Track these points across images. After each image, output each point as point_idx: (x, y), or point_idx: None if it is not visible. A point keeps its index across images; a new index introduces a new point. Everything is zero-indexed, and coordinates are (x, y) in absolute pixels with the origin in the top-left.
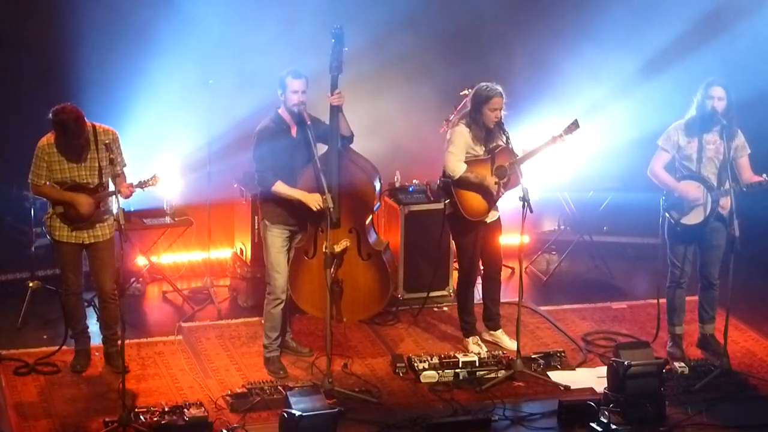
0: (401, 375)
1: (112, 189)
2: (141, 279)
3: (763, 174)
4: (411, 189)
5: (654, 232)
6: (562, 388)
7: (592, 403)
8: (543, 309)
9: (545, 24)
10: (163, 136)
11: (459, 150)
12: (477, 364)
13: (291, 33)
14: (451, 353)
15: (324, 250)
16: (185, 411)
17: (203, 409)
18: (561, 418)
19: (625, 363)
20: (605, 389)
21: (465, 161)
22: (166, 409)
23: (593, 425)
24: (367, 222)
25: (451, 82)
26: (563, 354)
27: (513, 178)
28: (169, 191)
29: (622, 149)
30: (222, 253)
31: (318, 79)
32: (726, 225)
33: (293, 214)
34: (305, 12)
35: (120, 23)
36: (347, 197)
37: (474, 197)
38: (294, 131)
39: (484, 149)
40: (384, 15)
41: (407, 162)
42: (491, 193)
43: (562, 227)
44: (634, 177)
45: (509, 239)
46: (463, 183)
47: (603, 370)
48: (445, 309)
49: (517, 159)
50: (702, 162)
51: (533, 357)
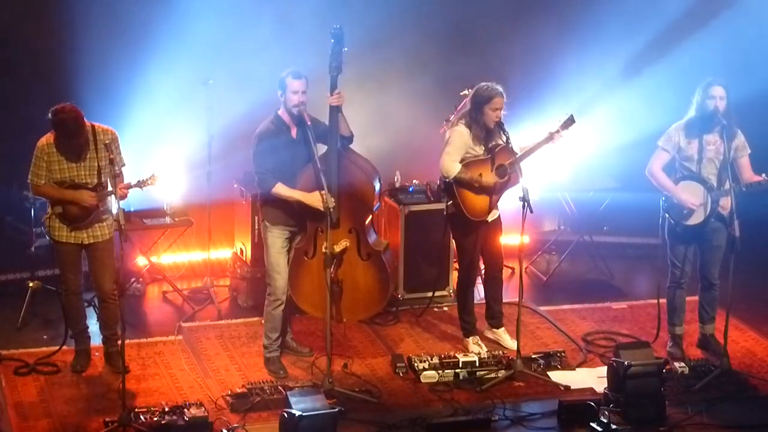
0: (401, 375)
1: (111, 189)
2: (141, 279)
3: (763, 174)
4: (411, 189)
5: (654, 232)
6: (562, 388)
7: (592, 403)
8: (543, 309)
9: (545, 21)
10: (163, 136)
11: (456, 151)
12: (477, 364)
13: (291, 32)
14: (451, 353)
15: (324, 250)
16: (185, 411)
17: (203, 409)
18: (561, 418)
19: (625, 363)
20: (605, 389)
21: (465, 161)
22: (166, 409)
23: (593, 425)
24: (367, 222)
25: (451, 82)
26: (563, 354)
27: (513, 176)
28: (169, 191)
29: (622, 149)
30: (222, 253)
31: (318, 79)
32: (726, 225)
33: (293, 215)
34: (305, 11)
35: (119, 23)
36: (347, 197)
37: (475, 197)
38: (294, 132)
39: (484, 149)
40: (384, 15)
41: (407, 162)
42: (491, 193)
43: (562, 227)
44: (634, 177)
45: (509, 239)
46: (463, 183)
47: (603, 370)
48: (445, 309)
49: (517, 157)
50: (702, 162)
51: (533, 357)
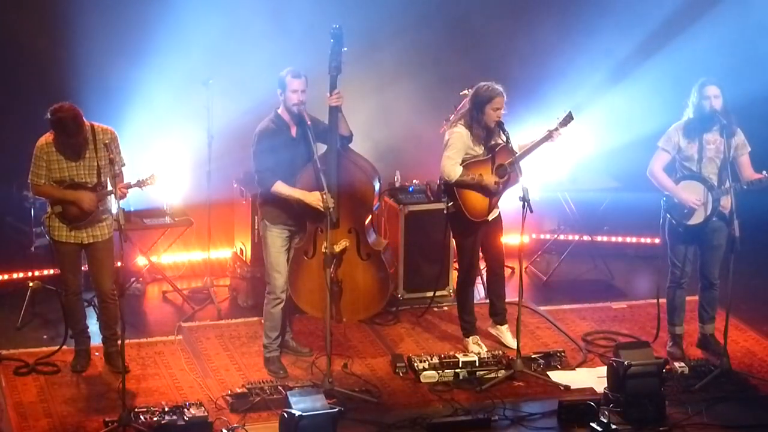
0: (401, 375)
1: (110, 189)
2: (141, 279)
3: (764, 171)
4: (411, 189)
5: (654, 232)
6: (562, 388)
7: (592, 403)
8: (543, 309)
9: (545, 19)
10: (163, 135)
11: (456, 153)
12: (477, 364)
13: (291, 32)
14: (451, 353)
15: (323, 250)
16: (185, 411)
17: (203, 409)
18: (561, 418)
19: (625, 363)
20: (605, 389)
21: (465, 162)
22: (166, 409)
23: (593, 425)
24: (367, 222)
25: (451, 81)
26: (563, 354)
27: (512, 175)
28: (169, 191)
29: (622, 149)
30: (222, 253)
31: (317, 79)
32: (727, 224)
33: (293, 214)
34: (306, 11)
35: (119, 23)
36: (346, 197)
37: (476, 198)
38: (294, 131)
39: (484, 149)
40: (384, 14)
41: (407, 162)
42: (492, 193)
43: (561, 227)
44: (634, 177)
45: (509, 239)
46: (465, 185)
47: (603, 370)
48: (445, 309)
49: (516, 156)
50: (703, 162)
51: (533, 357)
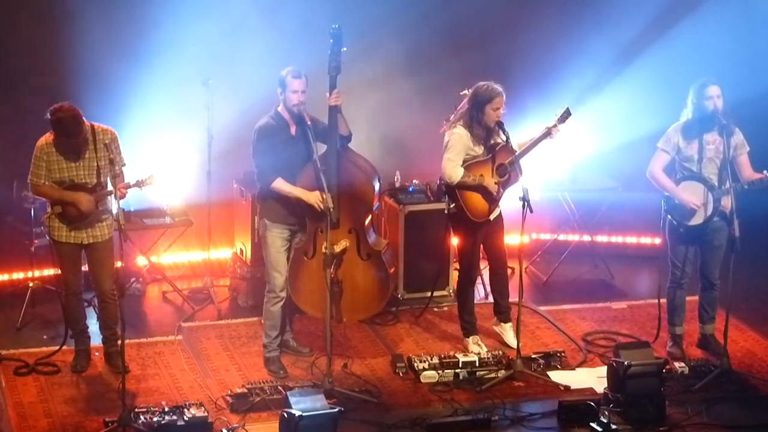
0: (401, 375)
1: (110, 189)
2: (141, 279)
3: (764, 171)
4: (411, 189)
5: (654, 232)
6: (562, 388)
7: (592, 403)
8: (543, 309)
9: (546, 19)
10: (163, 135)
11: (457, 155)
12: (477, 364)
13: (292, 32)
14: (451, 353)
15: (323, 250)
16: (185, 411)
17: (203, 409)
18: (561, 418)
19: (625, 363)
20: (605, 389)
21: (466, 163)
22: (166, 409)
23: (593, 425)
24: (367, 222)
25: (451, 81)
26: (563, 354)
27: (512, 175)
28: (169, 191)
29: (622, 149)
30: (222, 253)
31: (317, 79)
32: (728, 224)
33: (293, 212)
34: (306, 11)
35: (119, 23)
36: (346, 197)
37: (477, 198)
38: (293, 130)
39: (483, 148)
40: (384, 14)
41: (407, 162)
42: (492, 193)
43: (562, 228)
44: (634, 177)
45: (509, 239)
46: (465, 185)
47: (603, 370)
48: (445, 309)
49: (516, 155)
50: (703, 162)
51: (533, 357)
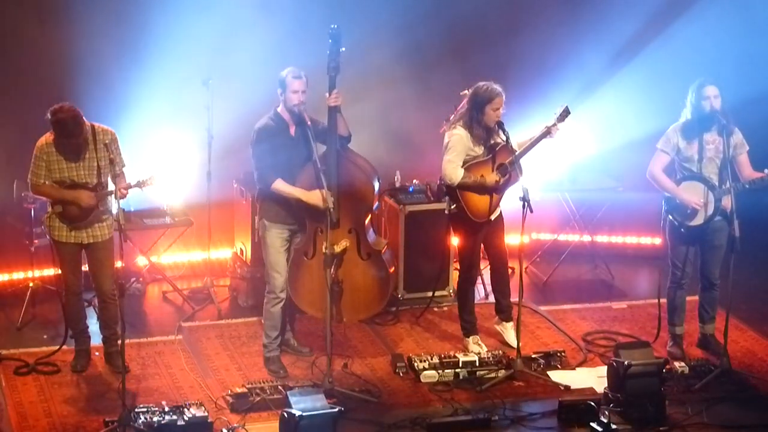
0: (401, 375)
1: (111, 189)
2: (141, 279)
3: (765, 170)
4: (411, 189)
5: (654, 232)
6: (562, 388)
7: (592, 403)
8: (543, 309)
9: (547, 19)
10: (163, 135)
11: (457, 156)
12: (477, 363)
13: (292, 32)
14: (451, 353)
15: (323, 250)
16: (185, 411)
17: (203, 409)
18: (561, 418)
19: (625, 363)
20: (605, 389)
21: (467, 164)
22: (166, 409)
23: (593, 425)
24: (367, 222)
25: (452, 82)
26: (563, 354)
27: (513, 174)
28: (169, 191)
29: (622, 149)
30: (222, 253)
31: (317, 79)
32: (729, 224)
33: (292, 213)
34: (306, 11)
35: (119, 23)
36: (346, 197)
37: (478, 198)
38: (293, 130)
39: (484, 149)
40: (385, 15)
41: (407, 162)
42: (493, 193)
43: (562, 227)
44: (634, 177)
45: (509, 239)
46: (467, 186)
47: (603, 370)
48: (445, 309)
49: (516, 154)
50: (703, 162)
51: (533, 357)
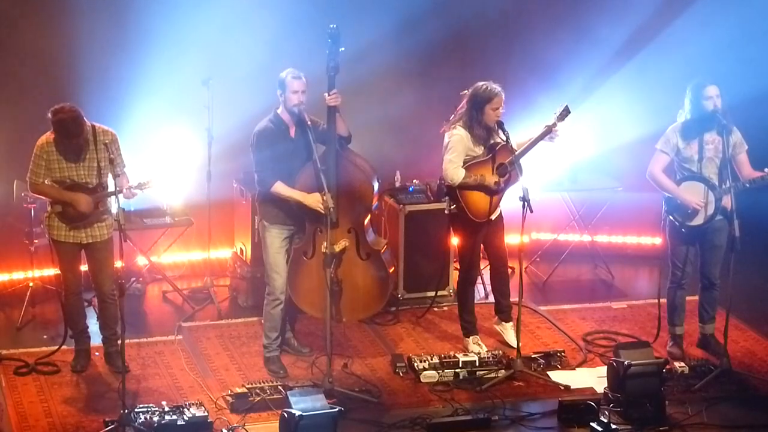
0: (401, 375)
1: (111, 189)
2: (141, 279)
3: (765, 168)
4: (411, 189)
5: (654, 232)
6: (562, 387)
7: (592, 403)
8: (543, 309)
9: (547, 20)
10: (163, 135)
11: (457, 156)
12: (477, 363)
13: (292, 32)
14: (451, 353)
15: (323, 250)
16: (185, 411)
17: (203, 409)
18: (561, 418)
19: (625, 363)
20: (605, 389)
21: (467, 164)
22: (166, 409)
23: (593, 425)
24: (366, 222)
25: (452, 81)
26: (563, 354)
27: (513, 174)
28: (169, 191)
29: (622, 149)
30: (222, 253)
31: (318, 80)
32: (730, 223)
33: (291, 214)
34: (307, 11)
35: (119, 23)
36: (345, 197)
37: (478, 198)
38: (293, 132)
39: (484, 149)
40: (384, 15)
41: (407, 162)
42: (494, 192)
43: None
44: (634, 177)
45: (509, 239)
46: (466, 186)
47: (603, 370)
48: (445, 309)
49: (516, 154)
50: (703, 162)
51: (533, 357)
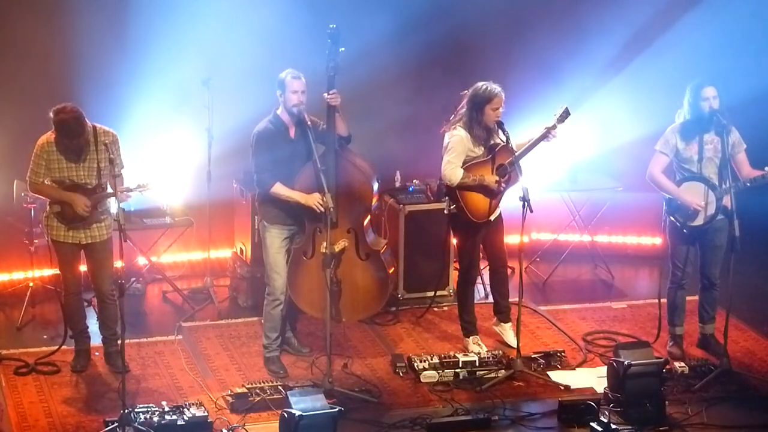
0: (401, 375)
1: (110, 191)
2: (141, 279)
3: (766, 167)
4: (411, 189)
5: (654, 232)
6: (562, 388)
7: (592, 403)
8: (543, 309)
9: (546, 21)
10: (163, 135)
11: (457, 157)
12: (477, 363)
13: (292, 32)
14: (451, 353)
15: (323, 250)
16: (185, 411)
17: (203, 409)
18: (561, 418)
19: (625, 363)
20: (605, 389)
21: (466, 164)
22: (166, 409)
23: (593, 425)
24: (366, 222)
25: (452, 81)
26: (563, 354)
27: (513, 175)
28: (169, 191)
29: (622, 149)
30: (222, 253)
31: (319, 80)
32: (730, 223)
33: (291, 214)
34: (307, 11)
35: (120, 23)
36: (345, 197)
37: (478, 199)
38: (292, 132)
39: (484, 149)
40: (384, 15)
41: (407, 162)
42: (493, 193)
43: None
44: (634, 177)
45: (509, 239)
46: (465, 186)
47: (603, 370)
48: (445, 309)
49: (516, 155)
50: (703, 162)
51: (533, 357)
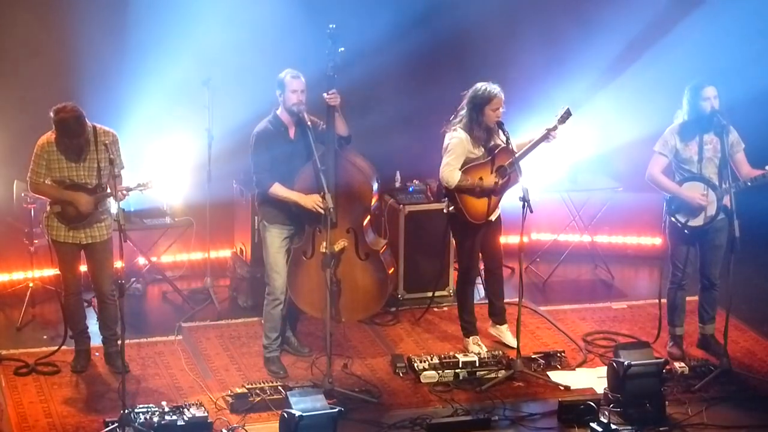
0: (401, 375)
1: (110, 191)
2: (141, 279)
3: (766, 166)
4: (411, 189)
5: (654, 232)
6: (562, 388)
7: (592, 403)
8: (543, 309)
9: (545, 22)
10: (163, 135)
11: (456, 159)
12: (477, 364)
13: (292, 32)
14: (451, 353)
15: (322, 250)
16: (185, 411)
17: (203, 409)
18: (561, 418)
19: (625, 363)
20: (605, 389)
21: (466, 166)
22: (166, 409)
23: (593, 425)
24: (365, 222)
25: (453, 82)
26: (563, 354)
27: (512, 176)
28: (169, 191)
29: (622, 149)
30: (222, 253)
31: (319, 80)
32: (730, 223)
33: (291, 214)
34: (307, 11)
35: (120, 23)
36: (344, 197)
37: (477, 201)
38: (292, 132)
39: (484, 150)
40: (384, 16)
41: (407, 162)
42: (492, 194)
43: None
44: (634, 177)
45: (509, 239)
46: (463, 188)
47: (603, 370)
48: (445, 309)
49: (516, 156)
50: (702, 162)
51: (533, 357)
